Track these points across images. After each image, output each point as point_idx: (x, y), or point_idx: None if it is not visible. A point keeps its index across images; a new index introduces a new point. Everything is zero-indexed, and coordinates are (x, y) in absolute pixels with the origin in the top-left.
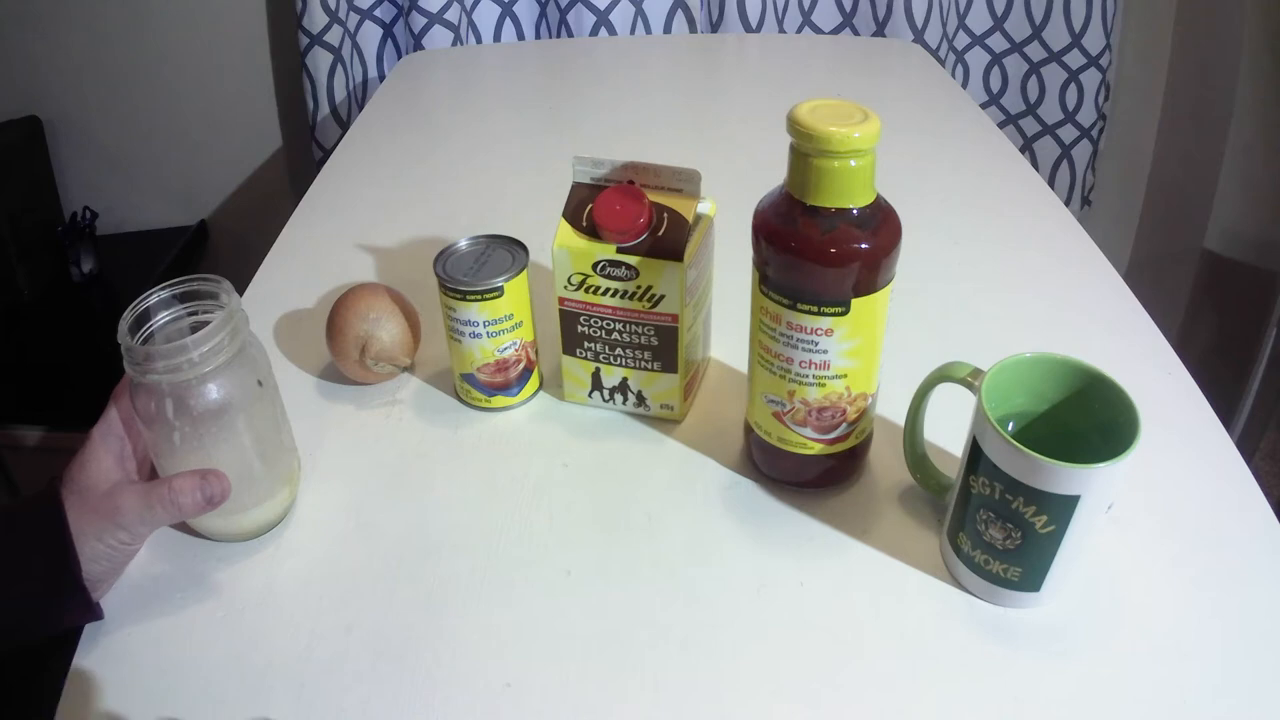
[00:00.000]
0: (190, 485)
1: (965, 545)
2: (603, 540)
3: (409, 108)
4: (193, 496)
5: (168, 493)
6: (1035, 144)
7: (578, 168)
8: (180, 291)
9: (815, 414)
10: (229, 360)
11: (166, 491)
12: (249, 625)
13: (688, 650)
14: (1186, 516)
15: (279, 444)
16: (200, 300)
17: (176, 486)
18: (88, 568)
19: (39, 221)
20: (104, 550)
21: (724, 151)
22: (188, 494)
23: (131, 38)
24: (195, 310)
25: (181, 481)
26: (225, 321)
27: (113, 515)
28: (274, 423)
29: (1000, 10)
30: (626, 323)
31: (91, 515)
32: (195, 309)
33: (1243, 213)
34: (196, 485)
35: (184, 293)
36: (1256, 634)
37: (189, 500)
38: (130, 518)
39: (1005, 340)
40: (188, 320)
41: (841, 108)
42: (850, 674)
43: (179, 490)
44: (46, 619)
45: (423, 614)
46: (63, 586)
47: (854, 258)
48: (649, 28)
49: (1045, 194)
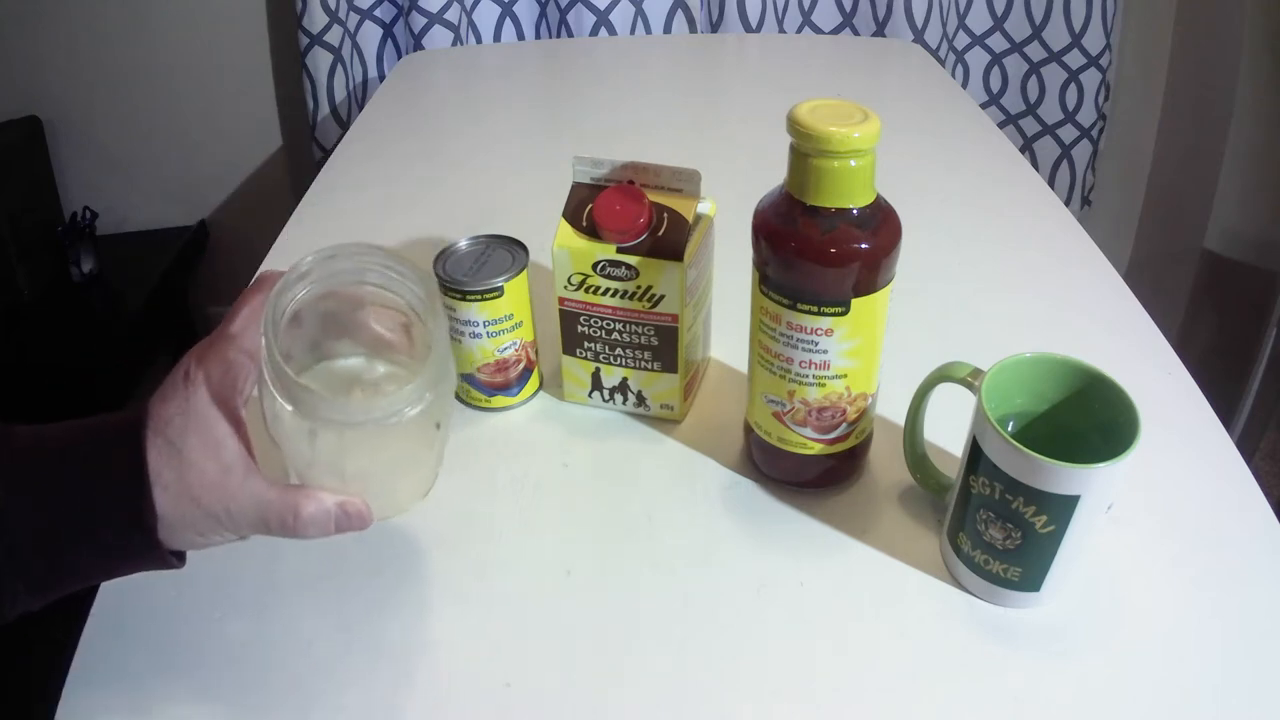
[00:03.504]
0: (323, 519)
1: (965, 545)
2: (603, 540)
3: (409, 108)
4: (322, 529)
5: (293, 522)
6: (1035, 144)
7: (578, 168)
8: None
9: (815, 414)
10: (416, 416)
11: (292, 521)
12: (248, 625)
13: (688, 650)
14: (1186, 516)
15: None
16: None
17: (305, 518)
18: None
19: (39, 221)
20: (200, 542)
21: (724, 151)
22: (316, 527)
23: (131, 38)
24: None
25: (312, 511)
26: (428, 381)
27: (221, 517)
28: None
29: (1000, 10)
30: (626, 323)
31: (191, 507)
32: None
33: (1243, 213)
34: (330, 519)
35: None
36: (1256, 634)
37: (316, 531)
38: (241, 525)
39: (1005, 340)
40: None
41: (841, 108)
42: (850, 674)
43: (307, 523)
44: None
45: (423, 614)
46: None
47: (854, 258)
48: (649, 28)
49: (1045, 194)
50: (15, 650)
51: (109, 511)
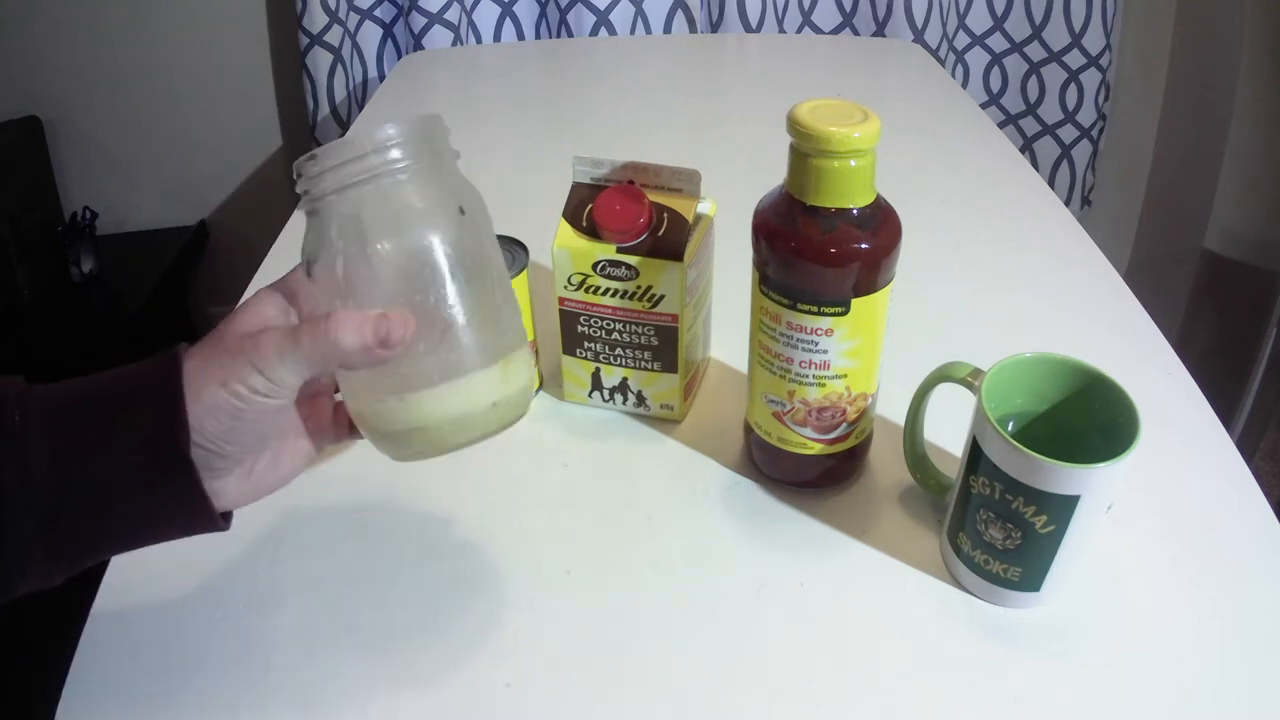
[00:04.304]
0: (357, 320)
1: (965, 545)
2: (603, 540)
3: (409, 108)
4: (360, 333)
5: (325, 326)
6: (1035, 144)
7: (578, 168)
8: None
9: (815, 414)
10: (419, 173)
11: (324, 325)
12: (248, 626)
13: (688, 650)
14: (1186, 516)
15: (485, 300)
16: None
17: (339, 319)
18: (203, 426)
19: (39, 221)
20: (225, 400)
21: (724, 151)
22: (353, 330)
23: (131, 38)
24: None
25: (347, 315)
26: (420, 127)
27: (248, 352)
28: (480, 267)
29: (1000, 10)
30: (626, 323)
31: (223, 355)
32: None
33: (1243, 213)
34: (367, 320)
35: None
36: (1256, 634)
37: (352, 338)
38: (268, 355)
39: (1005, 340)
40: None
41: (841, 108)
42: (850, 674)
43: (340, 325)
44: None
45: (423, 614)
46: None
47: (854, 258)
48: (649, 28)
49: (1045, 194)
50: (15, 650)
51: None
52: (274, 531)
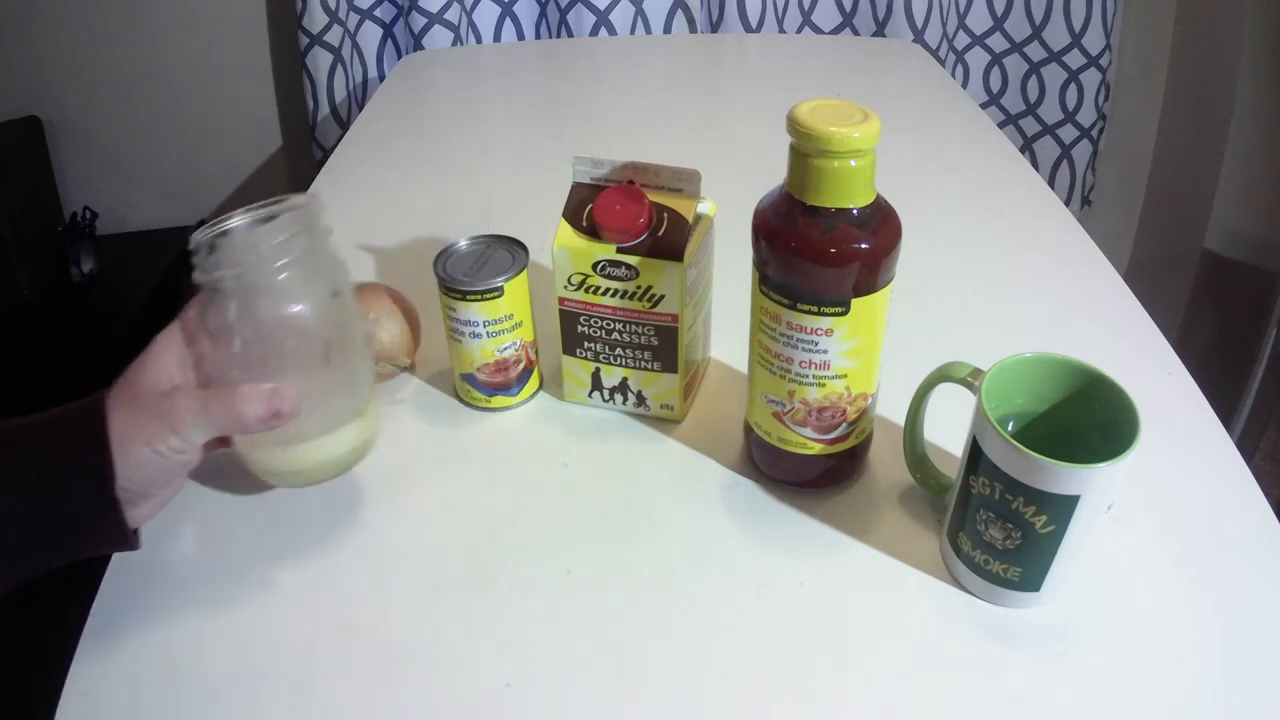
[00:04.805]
0: (257, 394)
1: (965, 545)
2: (603, 540)
3: (409, 108)
4: (258, 407)
5: (231, 398)
6: (1035, 144)
7: (578, 168)
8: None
9: (815, 414)
10: (301, 263)
11: (230, 397)
12: (248, 625)
13: (688, 650)
14: (1186, 516)
15: (351, 368)
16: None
17: (242, 394)
18: (129, 475)
19: (39, 221)
20: (149, 456)
21: (724, 151)
22: (253, 403)
23: (131, 38)
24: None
25: (248, 389)
26: (300, 219)
27: (166, 416)
28: (348, 341)
29: (1000, 10)
30: (626, 323)
31: (143, 416)
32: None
33: (1243, 213)
34: (264, 395)
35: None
36: (1256, 634)
37: (253, 410)
38: (184, 421)
39: (1005, 340)
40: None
41: (841, 108)
42: (850, 674)
43: (244, 398)
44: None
45: (422, 614)
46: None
47: (854, 258)
48: (649, 28)
49: (1045, 194)
50: (15, 650)
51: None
52: (273, 531)
